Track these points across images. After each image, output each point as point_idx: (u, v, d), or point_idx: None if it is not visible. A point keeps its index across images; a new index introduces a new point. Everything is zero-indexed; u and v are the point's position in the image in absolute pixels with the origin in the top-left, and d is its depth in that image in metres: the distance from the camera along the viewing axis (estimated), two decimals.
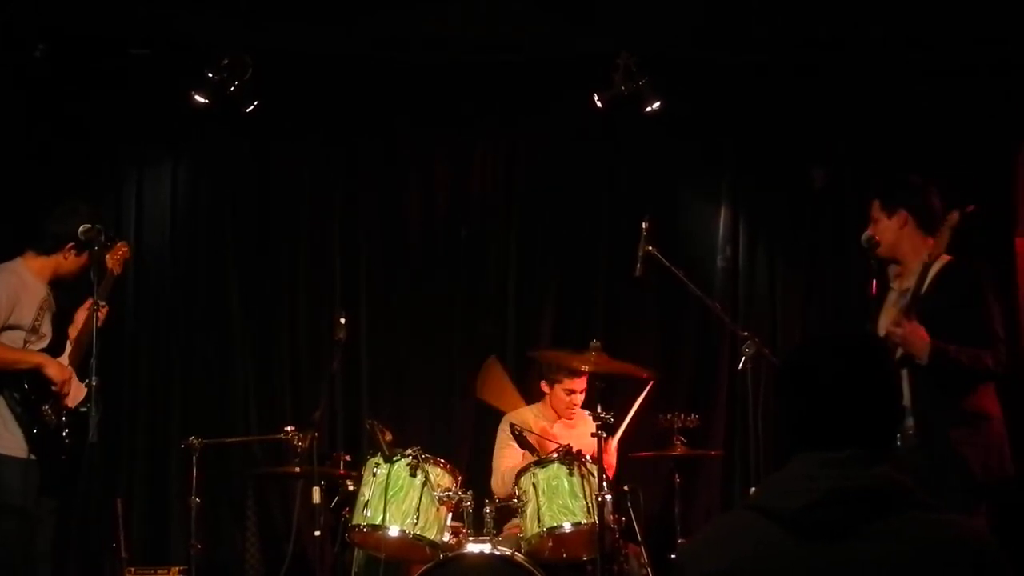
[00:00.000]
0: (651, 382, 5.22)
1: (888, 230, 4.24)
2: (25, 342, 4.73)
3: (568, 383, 5.30)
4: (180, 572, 5.31)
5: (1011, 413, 4.20)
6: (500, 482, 5.30)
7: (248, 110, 5.94)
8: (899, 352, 3.99)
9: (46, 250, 4.84)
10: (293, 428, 5.03)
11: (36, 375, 4.68)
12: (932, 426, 4.00)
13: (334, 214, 6.36)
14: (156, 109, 6.09)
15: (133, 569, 5.31)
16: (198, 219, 6.34)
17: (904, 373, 4.03)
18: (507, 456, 5.36)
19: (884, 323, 4.19)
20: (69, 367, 4.82)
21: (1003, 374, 4.06)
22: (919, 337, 3.93)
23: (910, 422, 4.00)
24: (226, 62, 5.78)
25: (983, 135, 5.94)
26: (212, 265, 6.29)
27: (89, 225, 4.66)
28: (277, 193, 6.38)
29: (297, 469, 4.96)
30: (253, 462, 6.00)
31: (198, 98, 5.80)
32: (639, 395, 5.26)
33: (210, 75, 5.77)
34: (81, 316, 4.93)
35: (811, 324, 6.18)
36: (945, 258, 4.15)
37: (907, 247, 4.23)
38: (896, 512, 1.78)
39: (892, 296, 4.28)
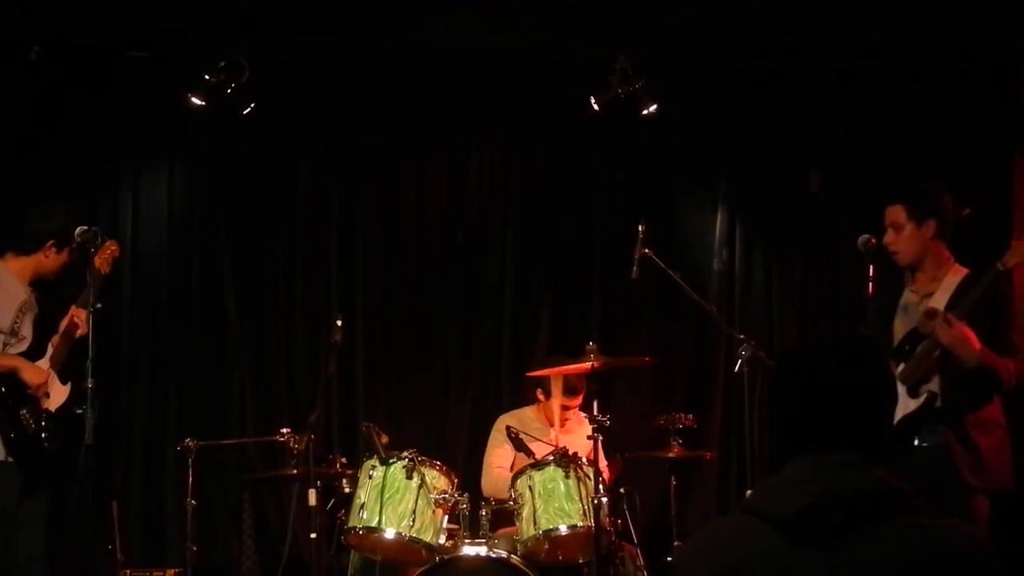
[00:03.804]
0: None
1: (915, 239, 4.23)
2: (4, 344, 4.70)
3: (565, 400, 5.30)
4: (176, 574, 5.30)
5: (1013, 424, 4.22)
6: (490, 481, 5.31)
7: (245, 112, 5.93)
8: (936, 352, 4.02)
9: (26, 250, 4.83)
10: (289, 430, 5.01)
11: (12, 379, 4.65)
12: (951, 428, 4.04)
13: (331, 217, 6.36)
14: (153, 112, 6.08)
15: (129, 571, 5.30)
16: (194, 222, 6.32)
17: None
18: (497, 455, 5.37)
19: (900, 328, 4.23)
20: (48, 370, 4.77)
21: (1013, 388, 4.10)
22: (970, 341, 3.94)
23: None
24: (223, 64, 5.78)
25: (980, 139, 5.94)
26: (208, 267, 6.28)
27: (85, 227, 4.65)
28: (273, 196, 6.37)
29: (293, 471, 4.94)
30: (249, 464, 6.02)
31: (195, 100, 5.80)
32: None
33: (207, 77, 5.77)
34: (68, 317, 4.87)
35: (807, 327, 6.18)
36: (962, 270, 4.18)
37: (931, 255, 4.25)
38: (892, 516, 1.77)
39: (912, 300, 4.28)
